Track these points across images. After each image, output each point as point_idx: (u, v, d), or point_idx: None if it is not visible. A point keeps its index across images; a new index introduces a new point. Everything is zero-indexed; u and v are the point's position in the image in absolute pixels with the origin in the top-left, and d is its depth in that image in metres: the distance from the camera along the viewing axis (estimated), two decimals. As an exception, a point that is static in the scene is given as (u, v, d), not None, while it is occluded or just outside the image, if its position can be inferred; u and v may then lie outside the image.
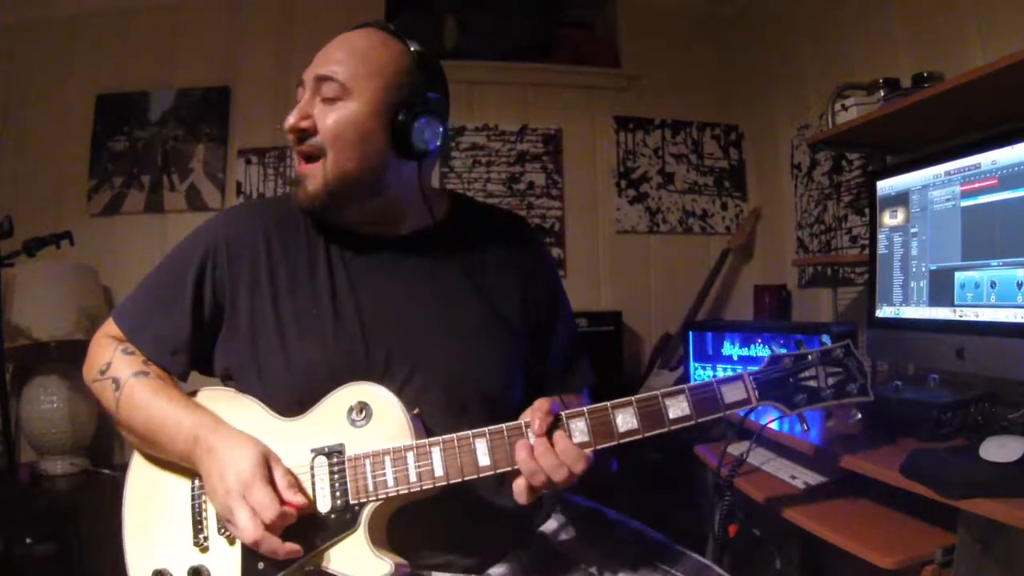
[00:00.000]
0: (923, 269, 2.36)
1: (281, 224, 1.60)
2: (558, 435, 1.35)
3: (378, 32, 1.53)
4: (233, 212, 1.67)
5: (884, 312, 2.55)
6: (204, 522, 1.42)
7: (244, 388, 1.51)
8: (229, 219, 1.62)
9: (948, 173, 2.26)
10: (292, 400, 1.46)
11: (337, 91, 1.45)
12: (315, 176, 1.47)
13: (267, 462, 1.35)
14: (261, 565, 1.35)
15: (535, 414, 1.36)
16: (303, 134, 1.47)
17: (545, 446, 1.34)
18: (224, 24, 4.27)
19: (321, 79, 1.46)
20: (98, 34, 4.13)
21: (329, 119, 1.45)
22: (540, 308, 1.70)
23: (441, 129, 1.54)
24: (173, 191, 4.15)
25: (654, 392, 1.40)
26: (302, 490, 1.37)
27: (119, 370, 1.51)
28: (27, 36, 4.05)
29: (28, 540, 2.99)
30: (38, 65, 4.07)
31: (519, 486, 1.35)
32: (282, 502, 1.31)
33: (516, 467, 1.35)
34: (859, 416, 1.53)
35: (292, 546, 1.30)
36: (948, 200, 2.26)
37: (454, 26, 4.40)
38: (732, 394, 1.44)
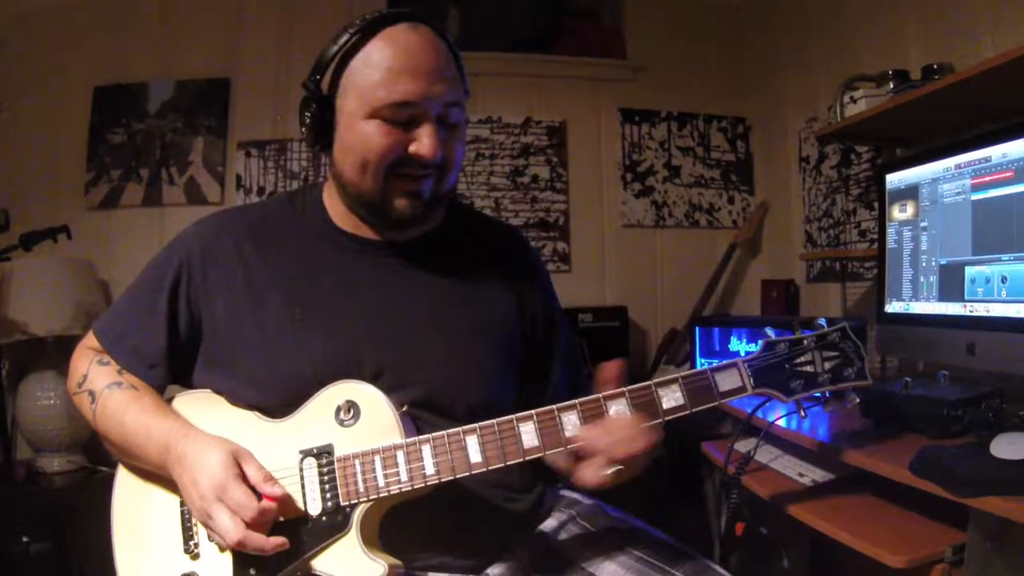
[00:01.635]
0: (933, 264, 2.36)
1: (261, 231, 1.57)
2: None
3: (441, 37, 1.48)
4: (207, 221, 1.61)
5: (893, 307, 2.54)
6: (194, 528, 1.41)
7: (230, 400, 1.49)
8: (204, 230, 1.58)
9: (958, 166, 2.25)
10: (278, 404, 1.44)
11: (460, 116, 1.45)
12: (426, 190, 1.47)
13: (236, 461, 1.33)
14: (253, 571, 1.34)
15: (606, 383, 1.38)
16: (436, 163, 1.44)
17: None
18: (224, 14, 4.22)
19: (451, 104, 1.43)
20: (95, 24, 4.08)
21: (458, 152, 1.48)
22: (536, 322, 1.69)
23: None
24: (172, 184, 4.11)
25: (647, 382, 1.38)
26: (285, 507, 1.34)
27: (94, 382, 1.51)
28: (22, 25, 4.00)
29: (25, 538, 2.98)
30: (33, 55, 4.03)
31: (586, 468, 1.32)
32: (260, 497, 1.29)
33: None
34: (857, 400, 1.50)
35: (278, 539, 1.28)
36: (958, 194, 2.25)
37: (457, 16, 4.37)
38: (727, 382, 1.41)
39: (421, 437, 1.35)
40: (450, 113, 1.43)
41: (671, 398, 1.37)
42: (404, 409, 1.40)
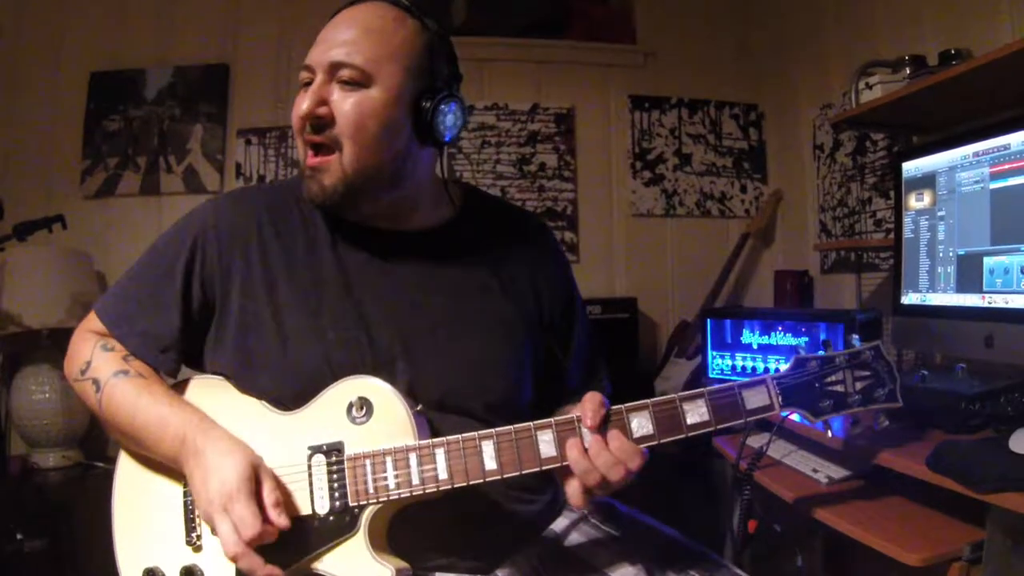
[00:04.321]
0: (950, 254, 2.34)
1: (277, 213, 1.53)
2: (613, 433, 1.30)
3: (391, 7, 1.44)
4: (224, 200, 1.57)
5: (910, 299, 2.52)
6: (197, 520, 1.38)
7: (240, 385, 1.45)
8: (220, 207, 1.54)
9: (976, 154, 2.24)
10: (290, 396, 1.40)
11: (356, 76, 1.38)
12: (332, 170, 1.40)
13: (255, 474, 1.29)
14: None
15: (586, 407, 1.31)
16: (319, 122, 1.38)
17: (599, 444, 1.29)
18: (223, -1, 4.21)
19: (337, 65, 1.38)
20: (91, 8, 4.04)
21: (349, 108, 1.38)
22: (555, 313, 1.66)
23: (462, 112, 1.49)
24: (170, 173, 4.08)
25: (671, 395, 1.34)
26: (291, 505, 1.32)
27: (99, 370, 1.46)
28: (17, 11, 3.97)
29: (19, 535, 2.95)
30: (28, 41, 3.99)
31: (574, 488, 1.30)
32: (266, 519, 1.25)
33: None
34: (887, 423, 1.46)
35: (272, 569, 1.24)
36: (977, 182, 2.23)
37: (463, 0, 4.31)
38: (754, 400, 1.37)
39: (435, 440, 1.32)
40: (339, 72, 1.38)
41: (696, 413, 1.34)
42: (419, 408, 1.37)
